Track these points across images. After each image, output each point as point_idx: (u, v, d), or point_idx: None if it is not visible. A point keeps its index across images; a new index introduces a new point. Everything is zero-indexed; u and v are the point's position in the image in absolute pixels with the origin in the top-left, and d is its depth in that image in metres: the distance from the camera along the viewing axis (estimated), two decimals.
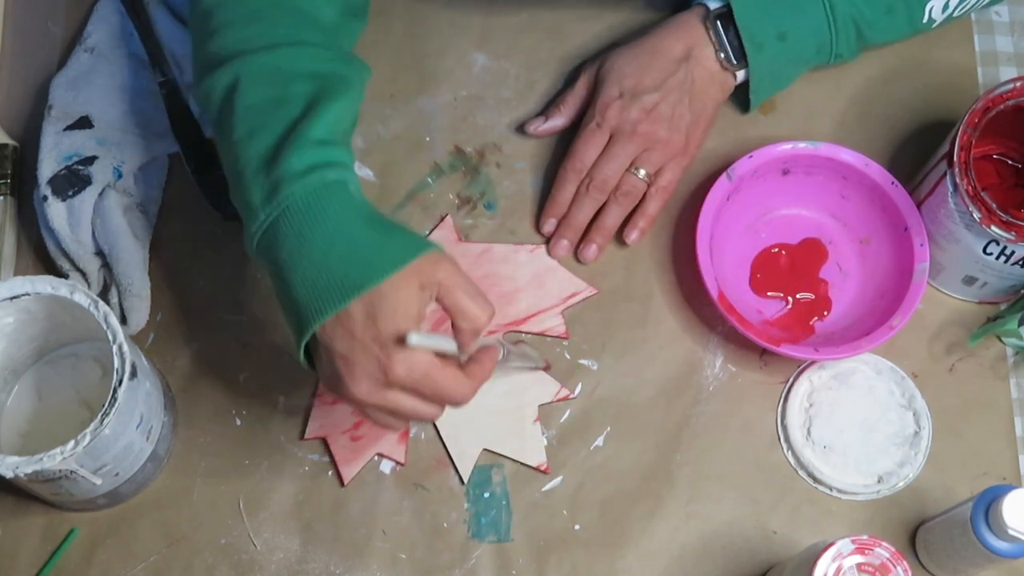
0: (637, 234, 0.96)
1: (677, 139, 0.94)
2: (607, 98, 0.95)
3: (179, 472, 0.91)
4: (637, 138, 0.94)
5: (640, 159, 0.94)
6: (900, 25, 0.97)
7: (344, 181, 0.78)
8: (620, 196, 0.95)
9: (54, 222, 0.91)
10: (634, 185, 0.95)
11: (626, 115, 0.94)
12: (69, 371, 0.92)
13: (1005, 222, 0.86)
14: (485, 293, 0.77)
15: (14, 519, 0.89)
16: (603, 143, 0.95)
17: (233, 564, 0.89)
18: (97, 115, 0.95)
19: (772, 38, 0.94)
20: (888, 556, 0.76)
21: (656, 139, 0.94)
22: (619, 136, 0.94)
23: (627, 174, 0.95)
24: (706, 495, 0.91)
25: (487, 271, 0.96)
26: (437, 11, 1.04)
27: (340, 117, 0.80)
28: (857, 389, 0.93)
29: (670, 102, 0.94)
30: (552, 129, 0.99)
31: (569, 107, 0.98)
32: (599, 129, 0.95)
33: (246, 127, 0.80)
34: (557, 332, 0.94)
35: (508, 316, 0.94)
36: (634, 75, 0.95)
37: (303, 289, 0.75)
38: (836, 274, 0.97)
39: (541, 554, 0.89)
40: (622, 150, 0.94)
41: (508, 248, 0.97)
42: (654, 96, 0.94)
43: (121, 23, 1.00)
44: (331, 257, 0.75)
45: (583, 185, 0.95)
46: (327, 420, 0.91)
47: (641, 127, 0.94)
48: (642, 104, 0.94)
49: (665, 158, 0.95)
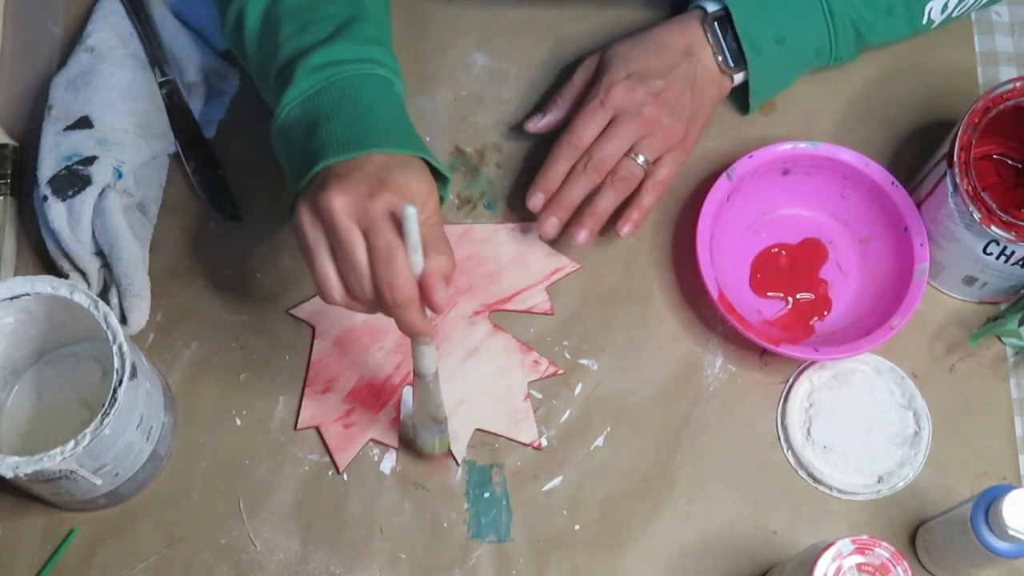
0: (630, 227, 0.93)
1: (678, 128, 0.93)
2: (614, 77, 0.93)
3: (179, 472, 0.91)
4: (641, 120, 0.92)
5: (640, 144, 0.92)
6: (899, 26, 0.97)
7: (391, 81, 0.84)
8: (617, 181, 0.92)
9: (54, 222, 0.91)
10: (631, 171, 0.92)
11: (632, 95, 0.92)
12: (69, 371, 0.92)
13: (1005, 222, 0.86)
14: (470, 274, 0.83)
15: (14, 519, 0.89)
16: (604, 122, 0.93)
17: (233, 564, 0.89)
18: (97, 115, 0.95)
19: (771, 42, 0.94)
20: (888, 556, 0.76)
21: (660, 124, 0.92)
22: (623, 116, 0.92)
23: (626, 159, 0.92)
24: (706, 495, 0.91)
25: (469, 251, 0.96)
26: (437, 11, 1.04)
27: (387, 23, 0.86)
28: (857, 389, 0.93)
29: (675, 90, 0.93)
30: (551, 124, 0.97)
31: (567, 100, 0.97)
32: (602, 107, 0.93)
33: (295, 25, 0.86)
34: (542, 309, 0.94)
35: (492, 295, 0.95)
36: (641, 59, 0.93)
37: (337, 130, 0.79)
38: (836, 274, 0.97)
39: (541, 554, 0.89)
40: (624, 131, 0.92)
41: (489, 227, 0.97)
42: (660, 82, 0.93)
43: (121, 23, 1.00)
44: (373, 115, 0.81)
45: (580, 163, 0.92)
46: (318, 409, 0.92)
47: (647, 110, 0.92)
48: (649, 87, 0.92)
49: (664, 147, 0.93)
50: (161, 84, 0.98)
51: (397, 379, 0.92)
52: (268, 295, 0.95)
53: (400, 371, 0.93)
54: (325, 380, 0.93)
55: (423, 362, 0.81)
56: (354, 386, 0.93)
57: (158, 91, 0.98)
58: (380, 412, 0.92)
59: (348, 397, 0.92)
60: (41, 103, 0.98)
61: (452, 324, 0.94)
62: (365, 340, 0.93)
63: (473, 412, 0.92)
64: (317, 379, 0.93)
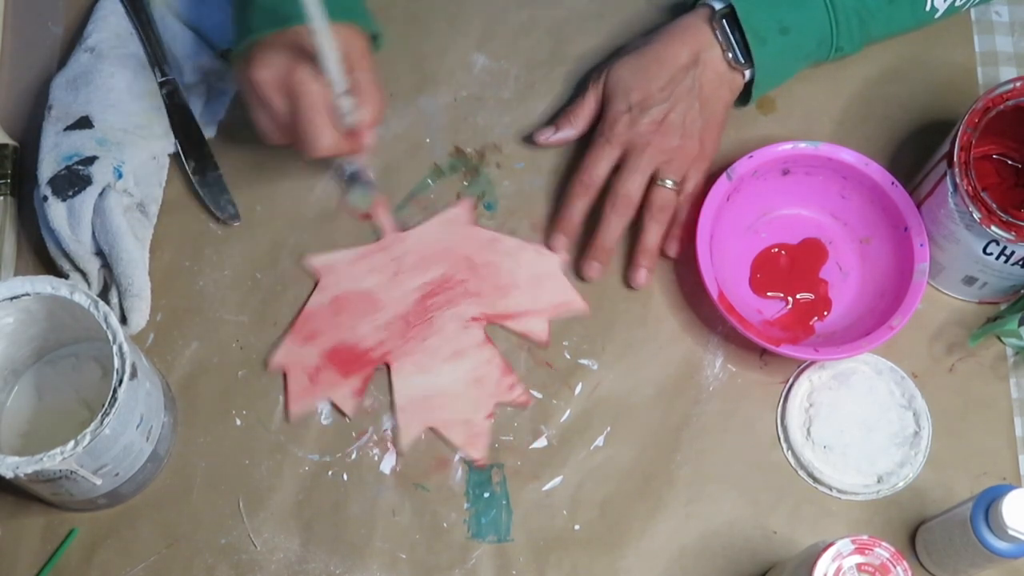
0: (676, 244, 0.96)
1: (691, 145, 0.94)
2: (615, 113, 0.94)
3: (179, 472, 0.91)
4: (652, 150, 0.93)
5: (662, 170, 0.94)
6: (903, 16, 0.97)
7: None
8: (656, 212, 0.94)
9: (54, 222, 0.91)
10: (666, 198, 0.94)
11: (636, 129, 0.93)
12: (69, 371, 0.92)
13: (1005, 222, 0.86)
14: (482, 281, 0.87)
15: (14, 519, 0.89)
16: (614, 158, 0.94)
17: (233, 564, 0.89)
18: (97, 115, 0.95)
19: (775, 32, 0.94)
20: (888, 556, 0.76)
21: (671, 149, 0.93)
22: (633, 151, 0.94)
23: (657, 188, 0.94)
24: (706, 495, 0.91)
25: (489, 259, 0.96)
26: (437, 11, 1.04)
27: None
28: (857, 389, 0.93)
29: (680, 111, 0.94)
30: (563, 140, 0.98)
31: (580, 119, 0.97)
32: (609, 144, 0.94)
33: None
34: (537, 337, 0.94)
35: (496, 308, 0.95)
36: (641, 87, 0.94)
37: (267, 3, 0.87)
38: (836, 274, 0.97)
39: (541, 554, 0.89)
40: (639, 163, 0.93)
41: (516, 243, 0.97)
42: (663, 107, 0.93)
43: (121, 23, 1.00)
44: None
45: (608, 204, 0.94)
46: (292, 356, 0.93)
47: (655, 139, 0.93)
48: (651, 116, 0.93)
49: (686, 165, 0.94)
50: (161, 84, 0.98)
51: (375, 354, 0.93)
52: (268, 295, 0.95)
53: (380, 348, 0.93)
54: (309, 331, 0.93)
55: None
56: (333, 346, 0.93)
57: (158, 91, 0.98)
58: (347, 379, 0.92)
59: (324, 355, 0.93)
60: (41, 103, 0.98)
61: (448, 321, 0.94)
62: (361, 307, 0.94)
63: (433, 410, 0.92)
64: (303, 328, 0.93)
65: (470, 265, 0.96)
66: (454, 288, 0.95)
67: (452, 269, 0.96)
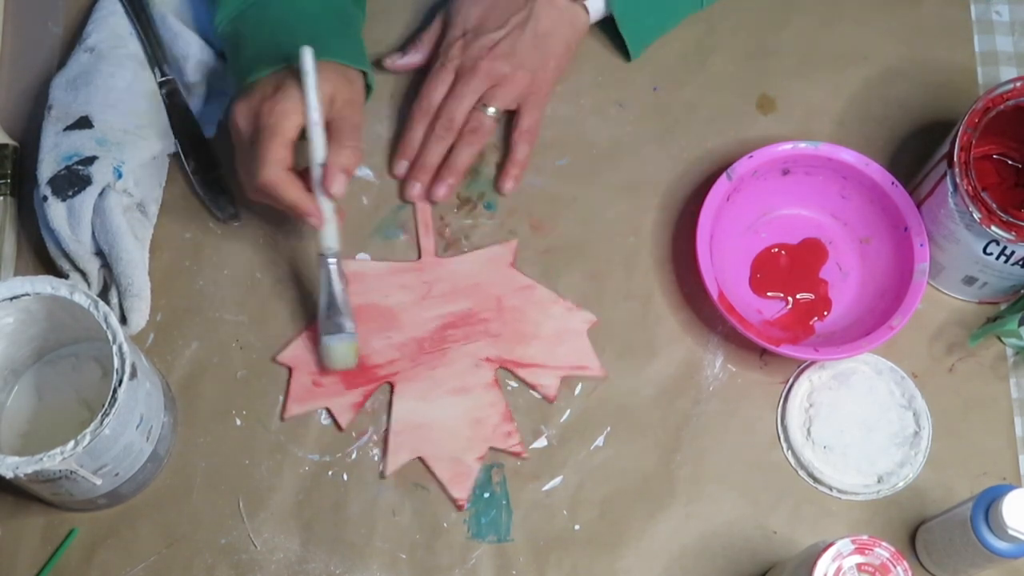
0: (512, 182, 0.97)
1: (521, 76, 0.96)
2: (451, 38, 0.97)
3: (179, 472, 0.91)
4: (479, 74, 0.95)
5: (488, 96, 0.96)
6: None
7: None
8: (467, 133, 0.96)
9: (54, 222, 0.91)
10: (481, 122, 0.96)
11: (468, 53, 0.96)
12: (69, 371, 0.92)
13: (1005, 222, 0.86)
14: (505, 324, 0.91)
15: (14, 519, 0.89)
16: (449, 81, 0.96)
17: (233, 564, 0.89)
18: (97, 115, 0.95)
19: None
20: (888, 556, 0.76)
21: (499, 75, 0.95)
22: (462, 73, 0.96)
23: (475, 111, 0.96)
24: (706, 495, 0.91)
25: (518, 305, 0.95)
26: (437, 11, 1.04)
27: None
28: (857, 389, 0.93)
29: (512, 39, 0.95)
30: (408, 64, 1.00)
31: (425, 44, 1.00)
32: (444, 68, 0.96)
33: None
34: (546, 392, 0.93)
35: (512, 353, 0.93)
36: (478, 15, 0.97)
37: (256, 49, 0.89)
38: (836, 274, 0.97)
39: (541, 554, 0.89)
40: (466, 87, 0.95)
41: (550, 295, 0.95)
42: (496, 35, 0.95)
43: (121, 23, 1.00)
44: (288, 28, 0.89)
45: (431, 126, 0.96)
46: (302, 355, 0.93)
47: (483, 63, 0.95)
48: (483, 42, 0.95)
49: (514, 96, 0.96)
50: (161, 84, 0.98)
51: (382, 372, 0.93)
52: (268, 295, 0.95)
53: (388, 367, 0.93)
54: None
55: (324, 237, 0.87)
56: None
57: (158, 91, 0.98)
58: (349, 391, 0.92)
59: None
60: (41, 103, 0.98)
61: (462, 356, 0.93)
62: (380, 322, 0.94)
63: (426, 441, 0.91)
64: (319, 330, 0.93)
65: (498, 306, 0.95)
66: (476, 325, 0.94)
67: (479, 306, 0.95)
